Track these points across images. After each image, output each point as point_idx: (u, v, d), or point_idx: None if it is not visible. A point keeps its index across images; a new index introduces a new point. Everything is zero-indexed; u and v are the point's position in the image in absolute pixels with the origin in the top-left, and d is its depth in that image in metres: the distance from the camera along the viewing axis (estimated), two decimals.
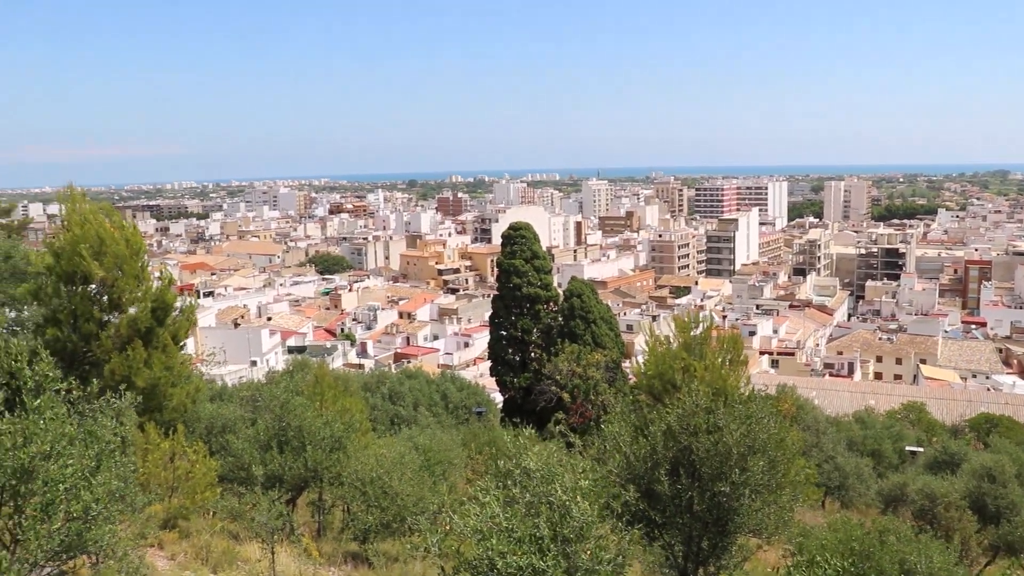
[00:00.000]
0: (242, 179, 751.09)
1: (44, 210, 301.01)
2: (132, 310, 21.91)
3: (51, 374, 9.30)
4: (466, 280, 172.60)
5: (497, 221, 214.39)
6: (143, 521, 13.05)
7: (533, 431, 12.17)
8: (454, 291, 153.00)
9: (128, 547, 10.94)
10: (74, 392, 9.50)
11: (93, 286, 21.32)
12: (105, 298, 21.57)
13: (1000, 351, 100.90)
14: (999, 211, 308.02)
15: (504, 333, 50.28)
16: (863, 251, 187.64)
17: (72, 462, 8.00)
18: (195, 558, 16.41)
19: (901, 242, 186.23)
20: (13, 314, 29.61)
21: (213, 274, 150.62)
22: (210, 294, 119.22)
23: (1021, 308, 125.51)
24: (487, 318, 60.81)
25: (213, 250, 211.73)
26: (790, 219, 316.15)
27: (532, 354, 49.13)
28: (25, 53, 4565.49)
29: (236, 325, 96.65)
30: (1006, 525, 28.11)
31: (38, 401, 8.37)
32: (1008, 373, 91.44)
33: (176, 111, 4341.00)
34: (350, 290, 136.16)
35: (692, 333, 22.38)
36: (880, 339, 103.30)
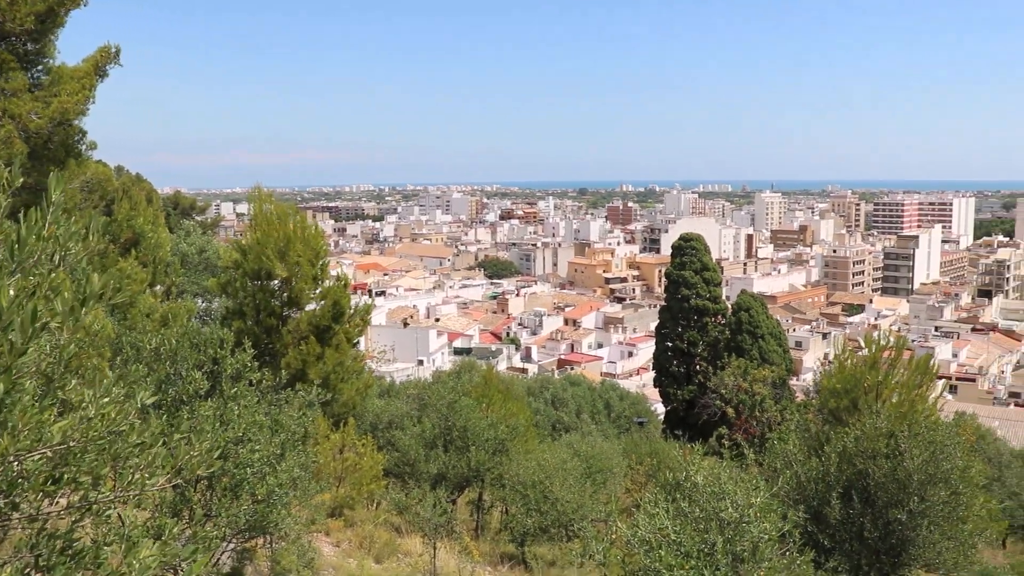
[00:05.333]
0: (416, 184, 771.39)
1: (234, 209, 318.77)
2: (310, 307, 22.83)
3: (249, 364, 9.89)
4: (633, 289, 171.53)
5: (667, 231, 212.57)
6: (313, 508, 13.60)
7: (700, 445, 11.97)
8: (620, 300, 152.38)
9: (300, 531, 11.44)
10: (264, 382, 10.04)
11: (276, 282, 22.32)
12: (286, 295, 22.54)
13: None
14: None
15: (670, 344, 49.82)
16: None
17: (260, 448, 8.46)
18: (359, 547, 16.92)
19: None
20: (204, 304, 31.45)
21: (385, 274, 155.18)
22: (382, 294, 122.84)
23: None
24: (652, 328, 60.39)
25: (387, 251, 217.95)
26: (976, 237, 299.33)
27: (697, 367, 48.51)
28: (227, 67, 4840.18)
29: (405, 325, 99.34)
30: None
31: (235, 389, 8.91)
32: None
33: (357, 119, 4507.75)
34: (517, 295, 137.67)
35: (883, 351, 21.41)
36: None
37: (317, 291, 22.80)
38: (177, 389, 9.08)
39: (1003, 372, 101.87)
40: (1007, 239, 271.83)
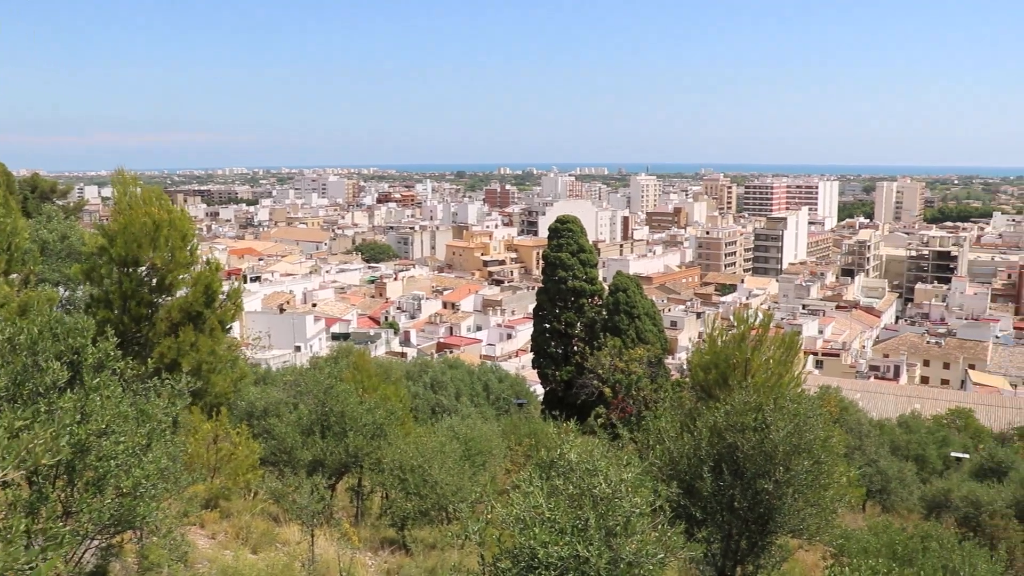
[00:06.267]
0: (292, 166, 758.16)
1: (99, 193, 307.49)
2: (180, 293, 22.16)
3: (113, 353, 9.49)
4: (511, 272, 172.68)
5: (544, 214, 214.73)
6: (186, 500, 13.24)
7: (575, 424, 12.12)
8: (499, 283, 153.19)
9: (172, 524, 11.12)
10: (129, 372, 9.68)
11: (143, 269, 21.57)
12: (154, 281, 21.81)
13: None
14: None
15: (548, 326, 50.23)
16: (913, 253, 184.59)
17: (124, 439, 8.15)
18: (235, 538, 16.59)
19: (953, 245, 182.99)
20: (67, 293, 30.16)
21: (261, 259, 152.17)
22: (257, 279, 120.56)
23: None
24: (531, 310, 60.95)
25: (261, 236, 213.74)
26: (840, 219, 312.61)
27: (575, 348, 49.02)
28: (90, 45, 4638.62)
29: (281, 310, 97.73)
30: None
31: (96, 380, 8.53)
32: None
33: (232, 100, 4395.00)
34: (395, 279, 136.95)
35: (751, 329, 22.18)
36: (928, 343, 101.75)
37: (187, 276, 22.15)
38: (35, 381, 8.67)
39: (864, 347, 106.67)
40: (868, 220, 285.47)
